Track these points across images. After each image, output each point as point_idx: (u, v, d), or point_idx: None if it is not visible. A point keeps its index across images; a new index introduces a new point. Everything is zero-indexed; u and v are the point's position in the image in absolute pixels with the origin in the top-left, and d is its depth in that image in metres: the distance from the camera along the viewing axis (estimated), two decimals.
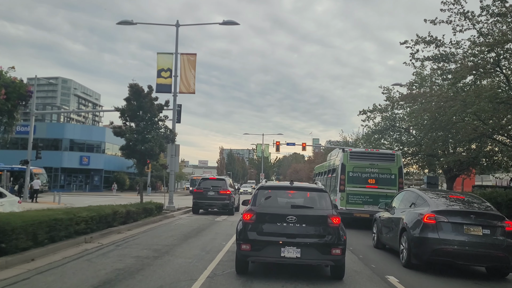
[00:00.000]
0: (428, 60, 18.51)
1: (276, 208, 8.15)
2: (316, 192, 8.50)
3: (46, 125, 67.89)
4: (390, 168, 18.18)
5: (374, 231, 12.99)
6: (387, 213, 12.11)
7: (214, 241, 12.51)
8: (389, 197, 17.36)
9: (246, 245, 7.76)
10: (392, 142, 30.69)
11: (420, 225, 9.34)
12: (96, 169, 62.75)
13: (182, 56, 24.46)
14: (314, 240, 7.64)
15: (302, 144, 55.91)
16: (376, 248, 12.49)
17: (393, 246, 11.00)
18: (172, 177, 23.89)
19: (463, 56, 18.01)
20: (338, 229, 7.81)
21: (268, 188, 8.66)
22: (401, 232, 10.19)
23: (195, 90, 24.64)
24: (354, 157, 18.47)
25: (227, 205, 22.69)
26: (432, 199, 9.91)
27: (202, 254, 10.33)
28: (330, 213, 7.93)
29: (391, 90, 29.06)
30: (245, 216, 8.00)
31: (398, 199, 11.87)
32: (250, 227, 7.85)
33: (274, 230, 7.76)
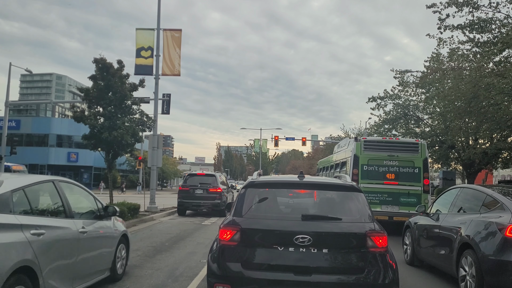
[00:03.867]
0: (461, 28, 15.10)
1: (275, 220, 4.81)
2: (343, 192, 5.13)
3: (31, 119, 64.35)
4: (413, 160, 14.81)
5: (407, 242, 9.69)
6: (426, 219, 8.81)
7: (191, 258, 9.18)
8: (411, 195, 14.37)
9: (223, 285, 4.45)
10: (404, 133, 27.44)
11: (499, 241, 6.01)
12: (85, 166, 59.50)
13: (165, 32, 21.01)
14: (344, 279, 4.34)
15: (302, 139, 52.62)
16: (411, 265, 9.21)
17: (443, 267, 7.69)
18: (154, 173, 20.54)
19: (502, 24, 14.69)
20: (385, 256, 4.51)
21: (262, 186, 5.29)
22: (460, 250, 6.86)
23: (180, 72, 21.17)
24: (369, 147, 15.07)
25: (218, 205, 19.33)
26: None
27: (168, 282, 7.01)
28: (370, 228, 4.62)
29: (404, 74, 25.76)
30: (223, 233, 4.68)
31: (446, 200, 8.52)
32: (231, 254, 4.57)
33: (273, 260, 4.49)
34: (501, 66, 15.51)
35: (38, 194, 5.38)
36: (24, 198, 4.92)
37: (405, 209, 13.99)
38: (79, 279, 5.69)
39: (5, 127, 32.58)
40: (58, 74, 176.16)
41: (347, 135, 49.71)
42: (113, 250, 6.86)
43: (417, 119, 27.75)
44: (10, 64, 33.56)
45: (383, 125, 28.16)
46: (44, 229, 4.85)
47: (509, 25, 14.24)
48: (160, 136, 20.57)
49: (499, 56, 15.38)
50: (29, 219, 4.76)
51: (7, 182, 4.73)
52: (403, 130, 27.87)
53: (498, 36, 14.24)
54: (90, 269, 6.07)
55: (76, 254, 5.55)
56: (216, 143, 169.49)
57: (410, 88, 26.10)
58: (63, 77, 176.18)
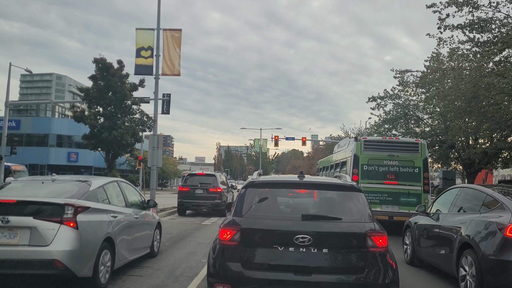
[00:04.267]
0: (461, 28, 15.08)
1: (275, 220, 4.81)
2: (344, 192, 5.12)
3: (31, 119, 64.29)
4: (413, 160, 14.81)
5: (407, 242, 9.69)
6: (427, 219, 8.80)
7: (191, 258, 9.19)
8: (412, 195, 14.33)
9: (223, 285, 4.45)
10: (404, 132, 27.43)
11: (499, 240, 6.01)
12: (85, 166, 59.37)
13: (165, 32, 20.96)
14: (344, 279, 4.34)
15: (302, 139, 52.58)
16: (411, 265, 9.21)
17: (443, 267, 7.69)
18: (154, 173, 20.49)
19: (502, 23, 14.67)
20: (385, 255, 4.51)
21: (262, 186, 5.28)
22: (460, 250, 6.86)
23: (180, 72, 21.10)
24: (369, 147, 15.07)
25: (218, 205, 19.31)
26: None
27: (168, 282, 7.02)
28: (370, 227, 4.62)
29: (405, 74, 25.75)
30: (224, 233, 4.68)
31: (446, 200, 8.51)
32: (231, 254, 4.57)
33: (273, 260, 4.48)
34: (501, 66, 15.50)
35: (110, 190, 7.50)
36: (103, 193, 7.14)
37: (405, 209, 13.99)
38: (133, 251, 7.85)
39: (5, 127, 32.50)
40: (58, 74, 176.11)
41: (347, 135, 49.66)
42: (152, 233, 8.96)
43: (417, 119, 27.74)
44: (10, 64, 33.48)
45: (383, 125, 28.15)
46: (116, 214, 7.11)
47: (509, 25, 14.24)
48: (160, 136, 20.50)
49: (499, 55, 15.39)
50: (108, 206, 7.03)
51: (93, 182, 6.97)
52: (403, 130, 27.85)
53: (498, 36, 14.24)
54: (139, 245, 8.20)
55: (133, 233, 7.74)
56: (216, 143, 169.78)
57: (410, 88, 26.09)
58: (63, 77, 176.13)
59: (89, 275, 6.01)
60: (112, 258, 6.77)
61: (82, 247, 5.86)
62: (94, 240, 6.19)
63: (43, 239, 5.62)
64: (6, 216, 5.66)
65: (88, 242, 6.02)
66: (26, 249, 5.57)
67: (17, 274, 5.80)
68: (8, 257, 5.53)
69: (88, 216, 6.20)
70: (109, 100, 14.42)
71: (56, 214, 5.81)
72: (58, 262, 5.56)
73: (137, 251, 8.07)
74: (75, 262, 5.73)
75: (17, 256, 5.56)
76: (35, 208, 5.87)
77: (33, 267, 5.58)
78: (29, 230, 5.65)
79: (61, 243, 5.65)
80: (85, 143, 14.67)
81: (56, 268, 5.59)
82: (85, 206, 6.22)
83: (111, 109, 14.41)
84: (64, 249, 5.63)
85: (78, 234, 5.83)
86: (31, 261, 5.56)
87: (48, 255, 5.56)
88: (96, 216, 6.41)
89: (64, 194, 6.39)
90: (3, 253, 5.53)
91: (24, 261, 5.56)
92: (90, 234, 6.14)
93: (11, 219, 5.67)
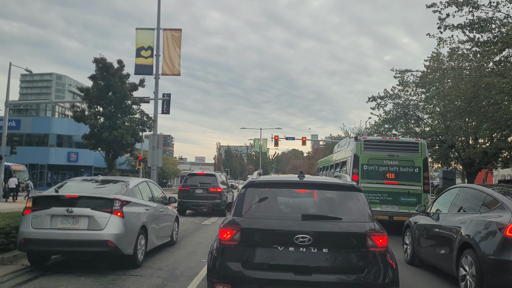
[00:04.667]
0: (461, 28, 15.07)
1: (275, 220, 4.80)
2: (344, 192, 5.12)
3: (31, 119, 64.23)
4: (413, 160, 14.79)
5: (407, 242, 9.68)
6: (427, 219, 8.80)
7: (191, 258, 9.19)
8: (412, 195, 14.29)
9: (223, 285, 4.45)
10: (404, 132, 27.42)
11: (499, 240, 6.01)
12: (85, 166, 59.32)
13: (165, 32, 20.99)
14: (344, 279, 4.34)
15: (302, 138, 52.56)
16: (411, 265, 9.20)
17: (443, 266, 7.70)
18: (154, 173, 20.50)
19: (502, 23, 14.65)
20: (385, 255, 4.50)
21: (262, 186, 5.28)
22: (460, 249, 6.86)
23: (180, 72, 21.12)
24: (369, 147, 15.04)
25: (218, 205, 19.31)
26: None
27: (168, 282, 7.02)
28: (370, 227, 4.62)
29: (405, 74, 25.74)
30: (224, 233, 4.68)
31: (446, 200, 8.50)
32: (231, 254, 4.57)
33: (273, 259, 4.49)
34: (501, 66, 15.49)
35: (142, 188, 9.17)
36: (138, 190, 8.84)
37: (405, 208, 13.97)
38: (159, 238, 9.57)
39: (5, 127, 32.48)
40: (58, 74, 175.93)
41: (347, 135, 49.63)
42: (172, 224, 10.64)
43: (417, 119, 27.74)
44: (10, 64, 33.45)
45: (383, 124, 28.14)
46: (148, 207, 8.86)
47: (509, 25, 14.23)
48: (160, 135, 20.50)
49: (499, 55, 15.38)
50: (142, 201, 8.76)
51: (131, 182, 8.77)
52: (403, 130, 27.85)
53: (498, 36, 14.23)
54: (163, 234, 9.88)
55: (159, 223, 9.47)
56: (216, 143, 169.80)
57: (410, 87, 26.09)
58: (63, 77, 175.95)
59: (131, 253, 7.69)
60: (146, 242, 8.48)
61: (126, 232, 7.53)
62: (134, 227, 7.90)
63: (98, 225, 7.28)
64: (70, 207, 7.33)
65: (130, 228, 7.71)
66: (86, 232, 7.24)
67: (79, 251, 7.48)
68: (73, 238, 7.21)
69: (130, 208, 7.88)
70: (109, 100, 14.42)
71: (107, 206, 7.47)
72: (110, 242, 7.22)
73: (162, 239, 9.79)
74: (121, 243, 7.39)
75: (79, 238, 7.22)
76: (92, 202, 7.52)
77: (91, 246, 7.25)
78: (88, 218, 7.32)
79: (112, 228, 7.31)
80: (85, 143, 14.68)
81: (108, 246, 7.23)
82: (128, 200, 7.93)
83: (111, 109, 14.41)
84: (114, 232, 7.30)
85: (123, 221, 7.52)
86: (89, 241, 7.24)
87: (102, 237, 7.21)
88: (135, 208, 8.15)
89: (111, 191, 8.11)
90: (69, 235, 7.21)
91: (84, 241, 7.23)
92: (132, 222, 7.84)
93: (74, 210, 7.33)
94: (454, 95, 17.22)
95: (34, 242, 7.28)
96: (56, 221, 7.31)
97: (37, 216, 7.37)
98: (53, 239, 7.21)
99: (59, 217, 7.33)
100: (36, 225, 7.32)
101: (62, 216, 7.33)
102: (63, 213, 7.32)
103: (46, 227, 7.28)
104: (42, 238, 7.22)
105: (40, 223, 7.32)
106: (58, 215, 7.34)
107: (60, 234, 7.21)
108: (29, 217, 7.43)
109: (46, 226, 7.29)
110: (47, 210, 7.39)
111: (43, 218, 7.34)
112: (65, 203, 7.40)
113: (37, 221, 7.34)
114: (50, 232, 7.24)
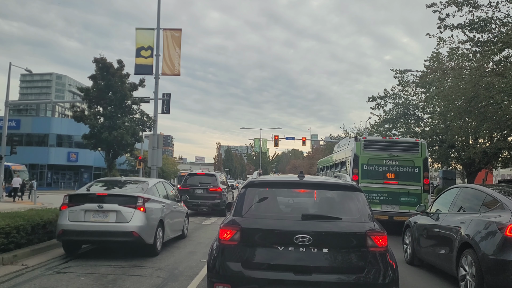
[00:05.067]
0: (461, 28, 15.06)
1: (275, 220, 4.79)
2: (343, 192, 5.11)
3: (31, 119, 64.25)
4: (413, 160, 14.78)
5: (407, 242, 9.68)
6: (427, 219, 8.80)
7: (191, 258, 9.19)
8: (411, 195, 14.26)
9: (223, 285, 4.45)
10: (404, 132, 27.42)
11: (499, 240, 6.01)
12: (85, 166, 59.38)
13: (165, 32, 20.98)
14: (344, 279, 4.34)
15: (302, 138, 52.56)
16: (411, 265, 9.20)
17: (443, 266, 7.69)
18: (154, 173, 20.48)
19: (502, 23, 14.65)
20: (385, 255, 4.50)
21: (262, 186, 5.28)
22: (460, 249, 6.86)
23: (180, 72, 21.13)
24: (369, 147, 15.03)
25: (218, 205, 19.31)
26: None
27: (168, 282, 7.01)
28: (370, 227, 4.62)
29: (405, 74, 25.74)
30: (223, 233, 4.68)
31: (446, 200, 8.50)
32: (231, 254, 4.56)
33: (273, 259, 4.48)
34: (501, 66, 15.49)
35: (158, 187, 10.39)
36: (156, 189, 10.09)
37: (405, 208, 13.96)
38: (173, 231, 10.77)
39: (5, 127, 32.42)
40: (58, 74, 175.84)
41: (347, 135, 49.61)
42: (183, 220, 11.86)
43: (417, 119, 27.74)
44: (10, 64, 33.41)
45: (383, 124, 28.13)
46: (164, 204, 10.04)
47: (509, 25, 14.22)
48: (160, 135, 20.52)
49: (499, 55, 15.37)
50: (159, 198, 9.96)
51: (149, 182, 10.13)
52: (403, 130, 27.84)
53: (498, 36, 14.22)
54: (176, 228, 11.09)
55: (173, 218, 10.65)
56: (216, 143, 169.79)
57: (410, 87, 26.09)
58: (63, 77, 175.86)
59: (151, 243, 8.89)
60: (163, 234, 9.65)
61: (148, 224, 8.74)
62: (154, 221, 9.08)
63: (125, 218, 8.50)
64: (101, 203, 8.54)
65: (151, 221, 8.92)
66: (114, 224, 8.46)
67: (108, 241, 8.74)
68: (103, 229, 8.42)
69: (150, 204, 9.07)
70: (109, 100, 14.41)
71: (132, 202, 8.68)
72: (135, 233, 8.44)
73: (175, 232, 10.99)
74: (144, 234, 8.62)
75: (109, 229, 8.42)
76: (119, 199, 8.76)
77: (119, 236, 8.48)
78: (116, 213, 8.53)
79: (136, 221, 8.52)
80: (85, 142, 14.69)
81: (133, 237, 8.45)
82: (149, 198, 9.15)
83: (111, 109, 14.41)
84: (138, 224, 8.52)
85: (146, 215, 8.71)
86: (117, 232, 8.46)
87: (128, 228, 8.44)
88: (154, 204, 9.33)
89: (135, 190, 9.41)
90: (100, 227, 8.43)
91: (113, 232, 8.45)
92: (152, 216, 9.01)
93: (104, 206, 8.54)
94: (454, 95, 17.23)
95: (70, 233, 8.51)
96: (89, 215, 8.53)
97: (73, 211, 8.57)
98: (87, 230, 8.43)
99: (92, 211, 8.54)
100: (72, 218, 8.52)
101: (94, 211, 8.53)
102: (95, 208, 8.51)
103: (81, 220, 8.49)
104: (77, 230, 8.45)
105: (76, 217, 8.52)
106: (90, 210, 8.54)
107: (93, 226, 8.43)
108: (66, 212, 8.63)
109: (81, 220, 8.50)
110: (81, 206, 8.58)
111: (78, 212, 8.55)
112: (96, 200, 8.62)
113: (73, 215, 8.55)
114: (84, 224, 8.46)
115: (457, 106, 18.12)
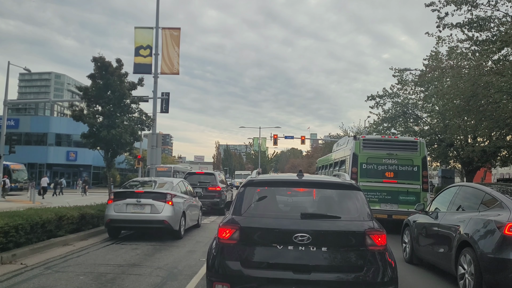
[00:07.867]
0: (460, 26, 15.07)
1: (274, 219, 4.79)
2: (343, 191, 5.11)
3: (30, 118, 64.19)
4: (412, 159, 14.80)
5: (406, 241, 9.70)
6: (425, 217, 8.81)
7: (191, 256, 9.19)
8: (410, 194, 14.31)
9: (222, 284, 4.45)
10: (403, 131, 27.43)
11: (497, 239, 6.02)
12: (84, 165, 59.29)
13: (164, 31, 20.92)
14: (343, 277, 4.34)
15: (301, 137, 52.55)
16: (410, 264, 9.22)
17: (442, 265, 7.71)
18: (153, 172, 20.47)
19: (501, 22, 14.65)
20: (383, 254, 4.51)
21: (261, 185, 5.27)
22: (459, 248, 6.87)
23: (179, 71, 21.09)
24: (368, 146, 15.05)
25: (217, 204, 19.34)
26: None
27: (167, 281, 7.02)
28: (369, 226, 4.62)
29: (404, 72, 25.74)
30: (223, 232, 4.68)
31: (445, 198, 8.52)
32: (230, 252, 4.57)
33: (272, 258, 4.48)
34: (500, 65, 15.50)
35: (180, 185, 12.73)
36: (178, 187, 12.39)
37: (404, 207, 13.98)
38: (191, 221, 12.95)
39: (4, 126, 32.40)
40: (57, 73, 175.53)
41: (346, 134, 49.58)
42: (198, 213, 14.07)
43: (416, 118, 27.74)
44: (9, 63, 33.36)
45: (382, 123, 28.12)
46: (185, 199, 12.33)
47: (508, 23, 14.23)
48: (159, 134, 20.51)
49: (497, 54, 15.39)
50: (182, 194, 12.30)
51: (174, 181, 12.64)
52: (402, 129, 27.83)
53: (496, 35, 14.25)
54: (193, 218, 13.33)
55: (191, 211, 12.85)
56: (215, 142, 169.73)
57: (409, 86, 26.10)
58: (61, 76, 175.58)
59: (177, 229, 11.25)
60: (185, 223, 11.95)
61: (175, 215, 11.11)
62: (179, 212, 11.42)
63: (157, 210, 10.86)
64: (139, 199, 10.94)
65: (177, 212, 11.25)
66: (150, 215, 10.88)
67: (145, 227, 11.26)
68: (141, 218, 10.89)
69: (176, 199, 11.45)
70: (108, 99, 14.37)
71: (162, 197, 11.07)
72: (165, 221, 10.82)
73: (193, 222, 13.23)
74: (172, 222, 10.98)
75: (145, 218, 10.89)
76: (152, 195, 11.13)
77: (153, 223, 10.91)
78: (150, 206, 10.92)
79: (166, 212, 10.90)
80: (84, 142, 14.65)
81: (164, 224, 10.86)
82: (175, 194, 11.57)
83: (110, 108, 14.36)
84: (168, 215, 10.89)
85: (173, 208, 11.08)
86: (152, 221, 10.88)
87: (160, 218, 10.81)
88: (178, 199, 11.66)
89: (164, 188, 11.78)
90: (139, 217, 10.87)
91: (149, 220, 10.89)
92: (177, 208, 11.35)
93: (141, 200, 10.94)
94: (453, 93, 17.24)
95: (116, 221, 10.95)
96: (130, 208, 10.91)
97: (117, 204, 10.95)
98: (128, 219, 10.85)
99: (132, 205, 10.91)
100: (117, 210, 10.92)
101: (134, 205, 10.90)
102: (134, 202, 10.89)
103: (124, 212, 10.87)
104: (121, 219, 10.87)
105: (119, 209, 10.89)
106: (131, 204, 10.91)
107: (133, 216, 10.84)
108: (112, 205, 11.04)
109: (123, 211, 10.88)
110: (124, 200, 10.96)
111: (121, 206, 10.90)
112: (135, 196, 11.01)
113: (117, 207, 10.92)
114: (126, 214, 10.85)
115: (456, 105, 18.12)
